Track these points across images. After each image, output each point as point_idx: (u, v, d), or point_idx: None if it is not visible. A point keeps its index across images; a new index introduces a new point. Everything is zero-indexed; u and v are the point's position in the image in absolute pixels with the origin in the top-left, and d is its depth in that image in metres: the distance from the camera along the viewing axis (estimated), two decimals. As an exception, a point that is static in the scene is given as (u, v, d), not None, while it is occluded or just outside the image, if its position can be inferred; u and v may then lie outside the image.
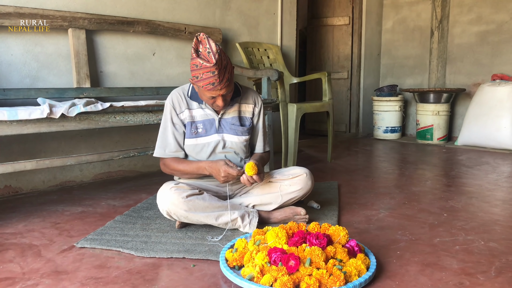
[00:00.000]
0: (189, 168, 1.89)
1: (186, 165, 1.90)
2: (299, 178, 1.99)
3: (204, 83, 1.71)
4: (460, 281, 1.43)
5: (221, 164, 1.79)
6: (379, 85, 5.67)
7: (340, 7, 5.31)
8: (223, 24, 3.63)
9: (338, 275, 1.32)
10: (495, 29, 4.69)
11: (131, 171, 3.15)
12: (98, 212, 2.22)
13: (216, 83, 1.70)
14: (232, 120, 1.95)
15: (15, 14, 2.41)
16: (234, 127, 1.94)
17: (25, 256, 1.63)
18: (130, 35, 3.02)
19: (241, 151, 1.98)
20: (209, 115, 1.93)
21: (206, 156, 1.93)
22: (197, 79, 1.72)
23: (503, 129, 4.18)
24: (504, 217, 2.13)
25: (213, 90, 1.73)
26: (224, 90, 1.75)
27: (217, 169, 1.80)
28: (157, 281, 1.42)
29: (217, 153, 1.94)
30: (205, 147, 1.92)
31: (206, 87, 1.72)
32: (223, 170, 1.77)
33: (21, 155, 2.54)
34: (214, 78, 1.68)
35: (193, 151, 1.93)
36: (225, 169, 1.77)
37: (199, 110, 1.93)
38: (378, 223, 2.03)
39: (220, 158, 1.93)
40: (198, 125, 1.92)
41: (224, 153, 1.94)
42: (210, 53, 1.69)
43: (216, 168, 1.80)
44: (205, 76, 1.68)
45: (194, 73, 1.72)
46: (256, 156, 2.03)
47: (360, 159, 3.94)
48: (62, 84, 2.70)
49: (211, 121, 1.93)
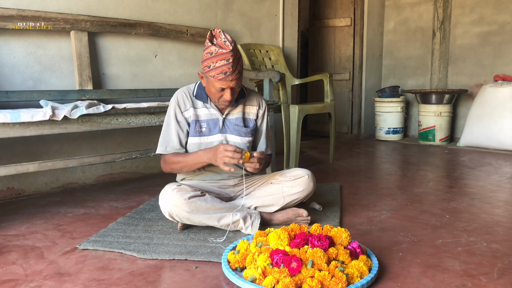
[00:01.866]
0: (188, 159, 1.86)
1: (185, 157, 1.88)
2: (301, 179, 1.99)
3: (216, 72, 1.72)
4: (462, 282, 1.43)
5: (218, 145, 1.75)
6: (381, 86, 5.67)
7: (342, 8, 5.31)
8: (225, 26, 3.64)
9: (340, 276, 1.32)
10: (497, 30, 4.68)
11: (134, 172, 3.16)
12: (101, 214, 2.23)
13: (229, 73, 1.72)
14: (236, 121, 1.96)
15: (18, 16, 2.42)
16: (238, 128, 1.95)
17: (28, 258, 1.64)
18: (132, 37, 3.03)
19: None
20: (213, 115, 1.94)
21: None
22: (209, 69, 1.74)
23: (505, 129, 4.17)
24: (506, 219, 2.13)
25: (224, 81, 1.74)
26: (234, 82, 1.76)
27: (214, 150, 1.75)
28: (159, 283, 1.42)
29: None
30: (208, 147, 1.92)
31: (217, 77, 1.73)
32: (223, 150, 1.71)
33: (23, 157, 2.55)
34: (227, 66, 1.71)
35: (196, 150, 1.93)
36: (222, 148, 1.72)
37: (204, 109, 1.94)
38: (380, 225, 2.03)
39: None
40: (202, 124, 1.93)
41: None
42: (226, 42, 1.73)
43: (213, 150, 1.76)
44: (219, 64, 1.71)
45: (206, 63, 1.74)
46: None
47: (362, 160, 3.93)
48: (65, 86, 2.71)
49: (215, 120, 1.94)
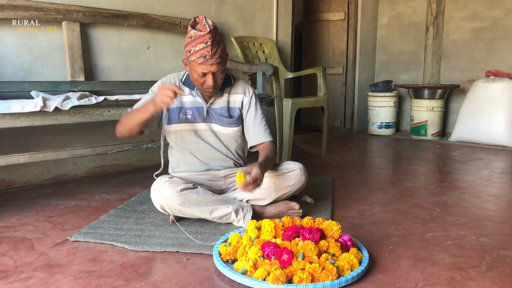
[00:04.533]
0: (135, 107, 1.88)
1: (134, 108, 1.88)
2: (293, 173, 2.00)
3: (196, 56, 1.72)
4: (451, 275, 1.44)
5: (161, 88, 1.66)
6: (374, 80, 5.68)
7: (336, 2, 5.30)
8: (219, 18, 3.62)
9: (330, 269, 1.33)
10: (489, 26, 4.71)
11: (126, 165, 3.15)
12: (92, 206, 2.22)
13: (208, 56, 1.71)
14: (220, 111, 1.95)
15: (8, 6, 2.39)
16: (222, 118, 1.95)
17: (18, 250, 1.63)
18: (125, 28, 3.00)
19: (234, 142, 1.99)
20: (198, 103, 1.94)
21: (192, 143, 1.94)
22: (189, 53, 1.74)
23: (496, 125, 4.20)
24: (496, 213, 2.15)
25: (204, 65, 1.73)
26: (215, 67, 1.75)
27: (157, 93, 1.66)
28: (150, 275, 1.42)
29: (205, 141, 1.95)
30: (193, 133, 1.93)
31: (197, 61, 1.73)
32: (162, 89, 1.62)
33: (14, 149, 2.53)
34: (206, 50, 1.70)
35: (181, 137, 1.93)
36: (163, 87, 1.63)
37: (189, 97, 1.94)
38: (371, 218, 2.04)
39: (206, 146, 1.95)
40: (188, 111, 1.93)
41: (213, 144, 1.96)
42: (205, 25, 1.73)
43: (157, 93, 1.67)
44: (198, 47, 1.71)
45: (187, 47, 1.75)
46: (261, 157, 1.90)
47: (354, 154, 3.95)
48: (56, 78, 2.68)
49: (200, 109, 1.94)
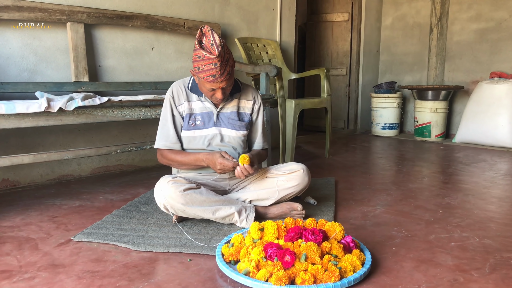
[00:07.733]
0: (187, 159, 1.91)
1: (184, 156, 1.92)
2: (296, 173, 2.00)
3: (205, 75, 1.73)
4: (454, 277, 1.44)
5: (217, 156, 1.81)
6: (378, 81, 5.67)
7: (340, 3, 5.30)
8: (222, 19, 3.62)
9: (333, 270, 1.33)
10: (494, 27, 4.69)
11: (129, 165, 3.16)
12: (96, 206, 2.23)
13: (217, 76, 1.72)
14: (230, 115, 1.96)
15: (13, 7, 2.40)
16: (232, 122, 1.96)
17: (22, 249, 1.64)
18: (129, 29, 3.01)
19: (239, 146, 1.99)
20: (208, 108, 1.94)
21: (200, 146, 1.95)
22: (198, 70, 1.74)
23: (500, 126, 4.19)
24: (499, 215, 2.14)
25: (213, 82, 1.75)
26: (224, 83, 1.77)
27: (213, 161, 1.82)
28: (153, 275, 1.43)
29: (214, 146, 1.95)
30: (202, 140, 1.93)
31: (207, 79, 1.74)
32: (219, 163, 1.79)
33: (18, 149, 2.54)
34: (215, 70, 1.71)
35: (190, 143, 1.94)
36: (220, 161, 1.79)
37: (198, 103, 1.95)
38: (374, 219, 2.04)
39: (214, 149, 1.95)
40: (197, 117, 1.94)
41: (221, 147, 1.95)
42: (213, 45, 1.72)
43: (212, 160, 1.83)
44: (207, 67, 1.71)
45: (196, 64, 1.74)
46: (254, 151, 2.04)
47: (357, 155, 3.95)
48: (60, 78, 2.70)
49: (210, 114, 1.94)
